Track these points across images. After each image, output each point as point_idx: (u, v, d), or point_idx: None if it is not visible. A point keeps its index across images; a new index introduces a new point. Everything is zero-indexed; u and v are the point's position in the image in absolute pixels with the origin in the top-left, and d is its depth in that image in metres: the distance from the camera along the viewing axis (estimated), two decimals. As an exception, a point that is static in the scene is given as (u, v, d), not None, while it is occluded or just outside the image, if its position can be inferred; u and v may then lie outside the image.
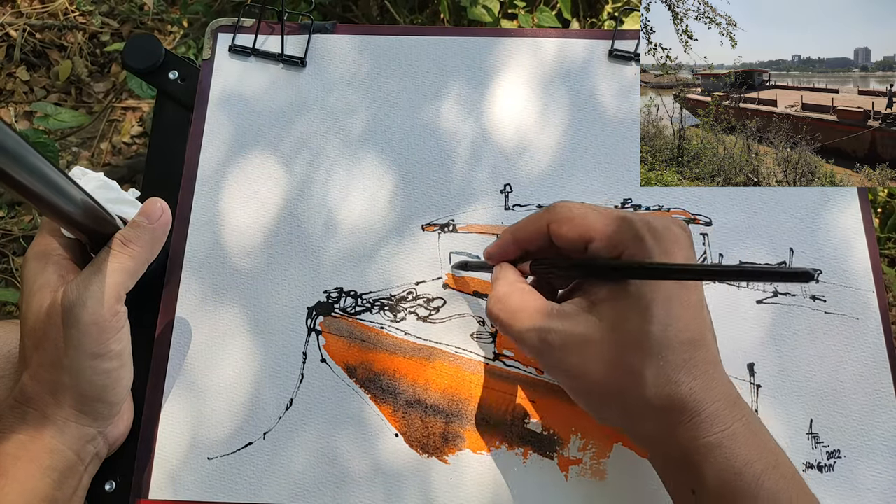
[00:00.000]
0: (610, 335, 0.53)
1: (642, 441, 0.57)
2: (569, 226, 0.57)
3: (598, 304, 0.55)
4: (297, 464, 0.67)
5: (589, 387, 0.56)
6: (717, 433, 0.52)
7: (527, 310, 0.57)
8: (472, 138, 0.77)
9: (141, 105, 1.79)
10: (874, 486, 0.66)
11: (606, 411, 0.57)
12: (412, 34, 0.82)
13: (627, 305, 0.53)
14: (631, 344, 0.53)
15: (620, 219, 0.56)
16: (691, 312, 0.54)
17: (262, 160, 0.77)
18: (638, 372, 0.52)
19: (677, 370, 0.52)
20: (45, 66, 1.84)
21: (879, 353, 0.70)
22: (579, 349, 0.54)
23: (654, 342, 0.52)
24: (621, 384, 0.53)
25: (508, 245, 0.63)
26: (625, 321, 0.53)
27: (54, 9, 1.86)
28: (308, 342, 0.71)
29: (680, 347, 0.53)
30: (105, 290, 0.60)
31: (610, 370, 0.53)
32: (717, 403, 0.53)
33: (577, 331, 0.54)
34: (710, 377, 0.53)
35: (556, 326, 0.55)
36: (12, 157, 0.49)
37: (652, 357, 0.52)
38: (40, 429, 0.61)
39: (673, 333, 0.52)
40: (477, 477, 0.67)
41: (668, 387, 0.52)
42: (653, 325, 0.52)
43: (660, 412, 0.53)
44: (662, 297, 0.53)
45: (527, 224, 0.61)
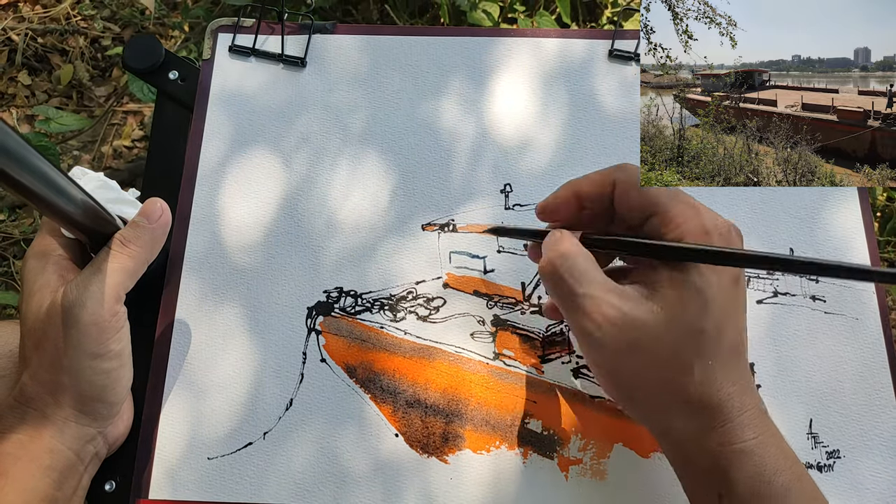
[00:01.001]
0: (667, 325, 0.52)
1: (668, 439, 0.56)
2: (638, 192, 0.56)
3: (658, 292, 0.53)
4: (297, 464, 0.67)
5: (632, 372, 0.55)
6: (749, 440, 0.52)
7: (591, 276, 0.55)
8: (473, 138, 0.77)
9: (142, 109, 1.79)
10: (874, 485, 0.66)
11: (641, 404, 0.57)
12: (412, 34, 0.82)
13: (688, 298, 0.52)
14: (686, 338, 0.52)
15: (690, 205, 0.55)
16: (740, 320, 0.55)
17: (261, 160, 0.77)
18: (687, 368, 0.52)
19: (722, 374, 0.53)
20: (47, 71, 1.84)
21: (879, 353, 0.70)
22: (634, 331, 0.53)
23: (709, 341, 0.52)
24: (666, 377, 0.53)
25: (567, 199, 0.61)
26: (683, 313, 0.52)
27: (56, 13, 1.86)
28: (308, 342, 0.71)
29: (727, 352, 0.53)
30: (105, 291, 0.60)
31: (659, 360, 0.53)
32: (750, 412, 0.53)
33: (637, 314, 0.53)
34: (745, 385, 0.54)
35: (617, 303, 0.53)
36: (13, 158, 0.49)
37: (703, 356, 0.52)
38: (40, 429, 0.61)
39: (725, 335, 0.53)
40: (477, 477, 0.67)
41: (711, 388, 0.52)
42: (708, 322, 0.52)
43: (696, 411, 0.53)
44: (720, 296, 0.53)
45: (590, 180, 0.59)
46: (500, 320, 0.71)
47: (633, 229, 0.58)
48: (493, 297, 0.72)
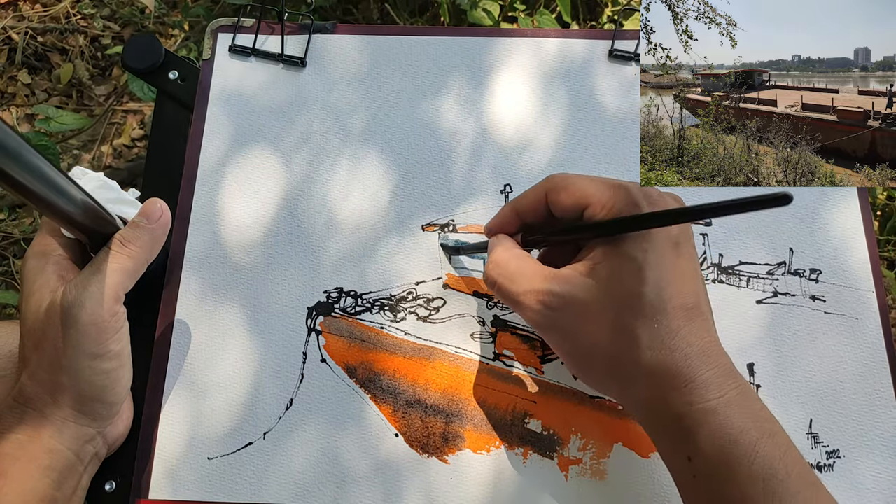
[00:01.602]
0: (605, 297, 0.54)
1: (635, 407, 0.57)
2: (565, 193, 0.58)
3: (595, 267, 0.55)
4: (297, 464, 0.67)
5: (585, 349, 0.56)
6: (711, 400, 0.52)
7: (525, 273, 0.58)
8: (473, 138, 0.77)
9: (142, 108, 1.79)
10: (873, 485, 0.66)
11: (600, 376, 0.58)
12: (412, 34, 0.82)
13: (620, 265, 0.54)
14: (625, 305, 0.53)
15: (617, 186, 0.57)
16: (685, 279, 0.55)
17: (261, 160, 0.77)
18: (633, 334, 0.53)
19: (672, 335, 0.53)
20: (47, 70, 1.84)
21: (879, 353, 0.70)
22: (577, 311, 0.55)
23: (648, 304, 0.53)
24: (616, 346, 0.54)
25: (508, 217, 0.64)
26: (619, 282, 0.54)
27: (56, 12, 1.86)
28: (308, 342, 0.71)
29: (674, 312, 0.53)
30: (104, 291, 0.60)
31: (606, 332, 0.54)
32: (712, 370, 0.53)
33: (575, 293, 0.55)
34: (704, 345, 0.54)
35: (555, 288, 0.56)
36: (13, 157, 0.49)
37: (646, 319, 0.53)
38: (39, 429, 0.61)
39: (667, 297, 0.53)
40: (477, 477, 0.67)
41: (663, 351, 0.53)
42: (646, 286, 0.53)
43: (654, 376, 0.53)
44: (655, 260, 0.54)
45: (525, 195, 0.62)
46: (500, 321, 0.71)
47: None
48: (493, 297, 0.72)
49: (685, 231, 0.56)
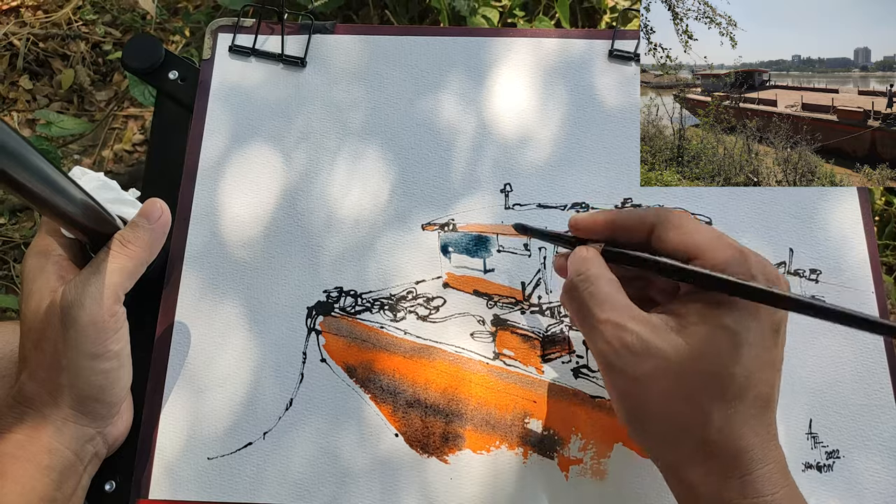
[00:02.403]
0: (691, 362, 0.50)
1: (681, 483, 0.54)
2: (678, 233, 0.54)
3: (688, 328, 0.51)
4: (297, 463, 0.67)
5: (648, 407, 0.53)
6: (766, 496, 0.50)
7: (614, 301, 0.54)
8: (473, 138, 0.77)
9: (143, 113, 1.79)
10: (873, 485, 0.66)
11: (655, 439, 0.55)
12: (412, 34, 0.82)
13: (720, 337, 0.50)
14: (711, 380, 0.50)
15: (736, 249, 0.53)
16: (773, 369, 0.52)
17: (262, 160, 0.77)
18: (707, 411, 0.50)
19: (743, 423, 0.51)
20: (48, 75, 1.84)
21: (878, 353, 0.69)
22: (656, 365, 0.51)
23: (735, 387, 0.50)
24: (684, 416, 0.51)
25: (600, 224, 0.59)
26: (712, 354, 0.50)
27: (57, 18, 1.86)
28: (308, 342, 0.71)
29: (753, 401, 0.51)
30: (103, 291, 0.60)
31: (679, 398, 0.51)
32: (771, 465, 0.51)
33: (659, 344, 0.51)
34: (769, 438, 0.52)
35: (640, 331, 0.52)
36: (13, 157, 0.49)
37: (725, 401, 0.50)
38: (39, 429, 0.61)
39: (753, 384, 0.51)
40: (477, 477, 0.66)
41: (731, 436, 0.51)
42: (737, 367, 0.50)
43: (714, 459, 0.51)
44: (755, 342, 0.51)
45: (630, 214, 0.58)
46: (500, 320, 0.71)
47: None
48: (492, 296, 0.72)
49: (785, 316, 0.54)
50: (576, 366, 0.70)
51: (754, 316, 0.51)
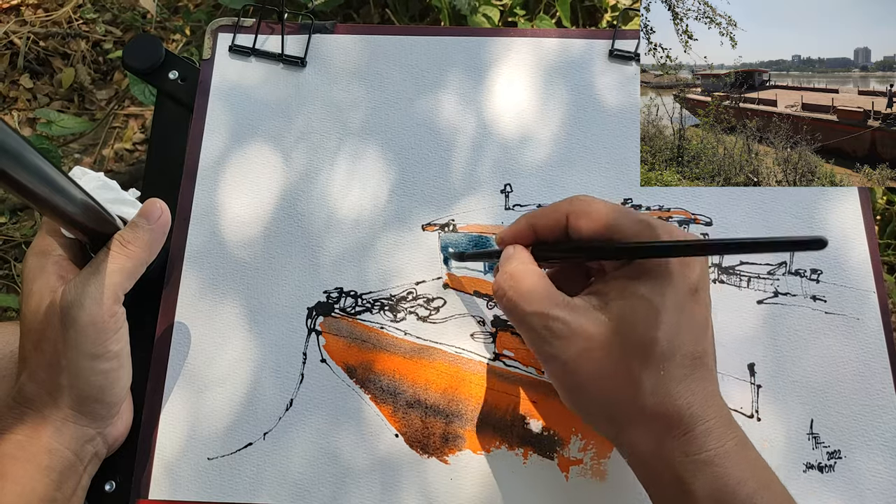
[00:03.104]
0: (615, 335, 0.52)
1: (629, 451, 0.56)
2: (587, 220, 0.56)
3: (609, 303, 0.54)
4: (297, 464, 0.67)
5: (583, 383, 0.55)
6: (710, 450, 0.51)
7: (537, 293, 0.56)
8: (473, 138, 0.77)
9: (143, 112, 1.79)
10: (874, 486, 0.66)
11: (596, 414, 0.57)
12: (412, 34, 0.82)
13: (638, 307, 0.52)
14: (635, 347, 0.52)
15: (642, 221, 0.55)
16: (698, 327, 0.54)
17: (262, 159, 0.77)
18: (637, 378, 0.52)
19: (676, 383, 0.52)
20: (49, 74, 1.84)
21: (880, 353, 0.69)
22: (583, 344, 0.53)
23: (659, 350, 0.52)
24: (617, 387, 0.53)
25: (524, 230, 0.61)
26: (633, 323, 0.52)
27: (58, 17, 1.86)
28: (308, 342, 0.71)
29: (682, 360, 0.52)
30: (103, 291, 0.60)
31: (609, 370, 0.53)
32: (712, 421, 0.52)
33: (583, 324, 0.53)
34: (706, 394, 0.53)
35: (563, 316, 0.54)
36: (13, 157, 0.49)
37: (653, 365, 0.52)
38: (38, 429, 0.61)
39: (678, 344, 0.52)
40: (477, 477, 0.66)
41: (666, 398, 0.52)
42: (660, 331, 0.52)
43: (653, 422, 0.52)
44: (674, 305, 0.52)
45: (545, 213, 0.60)
46: (500, 321, 0.71)
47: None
48: (493, 297, 0.72)
49: (703, 277, 0.55)
50: (576, 366, 0.70)
51: (668, 282, 0.53)
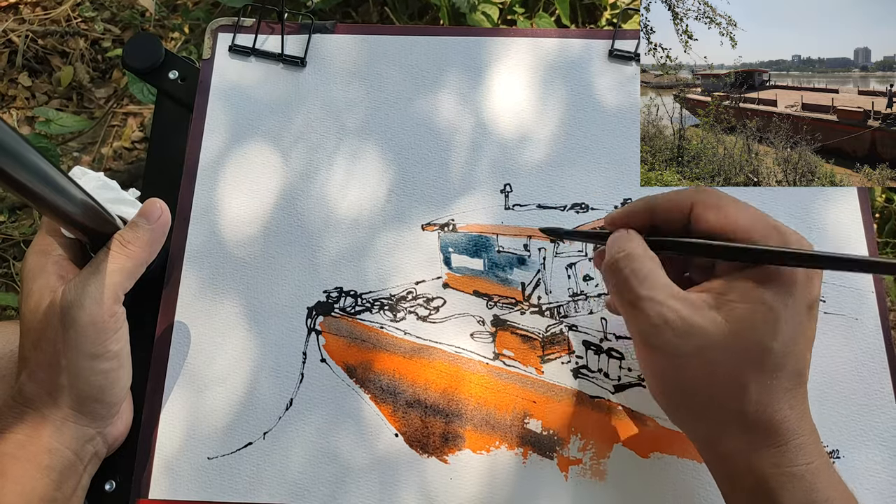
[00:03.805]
0: (731, 338, 0.51)
1: (717, 457, 0.55)
2: (717, 212, 0.54)
3: (727, 304, 0.52)
4: (297, 463, 0.67)
5: (687, 383, 0.54)
6: (801, 465, 0.51)
7: (655, 279, 0.54)
8: (472, 138, 0.77)
9: (142, 110, 1.79)
10: (872, 486, 0.66)
11: (693, 414, 0.56)
12: (411, 34, 0.82)
13: (758, 313, 0.51)
14: (750, 354, 0.51)
15: (772, 227, 0.53)
16: (808, 343, 0.53)
17: (261, 160, 0.77)
18: (746, 384, 0.51)
19: (781, 395, 0.52)
20: (47, 72, 1.84)
21: (878, 352, 0.69)
22: (697, 342, 0.52)
23: (772, 360, 0.51)
24: (723, 391, 0.52)
25: (640, 212, 0.59)
26: (751, 330, 0.51)
27: (56, 15, 1.86)
28: (308, 342, 0.71)
29: (790, 373, 0.52)
30: (103, 291, 0.60)
31: (718, 372, 0.52)
32: (805, 437, 0.52)
33: (700, 322, 0.52)
34: (803, 410, 0.53)
35: (681, 309, 0.52)
36: (12, 156, 0.49)
37: (764, 374, 0.51)
38: (38, 429, 0.61)
39: (789, 358, 0.52)
40: (477, 477, 0.66)
41: (768, 408, 0.51)
42: (776, 342, 0.51)
43: (750, 430, 0.52)
44: (792, 317, 0.51)
45: (668, 198, 0.57)
46: (499, 320, 0.71)
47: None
48: (492, 297, 0.72)
49: (819, 293, 0.54)
50: (575, 366, 0.70)
51: (790, 292, 0.51)
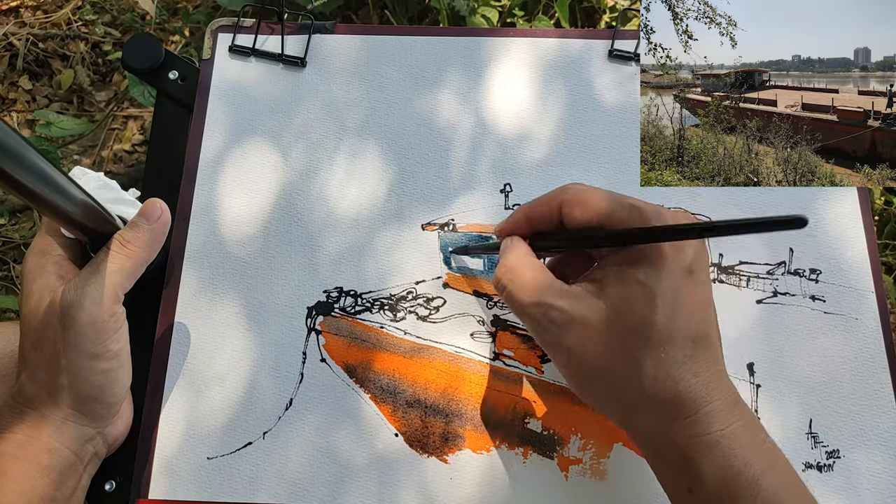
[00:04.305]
0: (614, 320, 0.53)
1: (636, 435, 0.56)
2: (580, 209, 0.57)
3: (606, 289, 0.54)
4: (297, 463, 0.67)
5: (587, 371, 0.55)
6: (715, 432, 0.51)
7: (535, 284, 0.56)
8: (472, 138, 0.77)
9: (142, 113, 1.79)
10: (873, 486, 0.66)
11: (602, 399, 0.57)
12: (411, 34, 0.82)
13: (634, 292, 0.53)
14: (633, 332, 0.52)
15: (633, 206, 0.55)
16: (697, 309, 0.54)
17: (262, 160, 0.77)
18: (638, 362, 0.52)
19: (678, 365, 0.52)
20: (48, 76, 1.84)
21: (878, 352, 0.69)
22: (583, 331, 0.53)
23: (657, 333, 0.52)
24: (620, 372, 0.53)
25: (520, 222, 0.62)
26: (630, 308, 0.52)
27: (57, 18, 1.86)
28: (308, 342, 0.71)
29: (682, 342, 0.52)
30: (103, 291, 0.60)
31: (610, 356, 0.53)
32: (717, 402, 0.52)
33: (582, 312, 0.54)
34: (710, 375, 0.53)
35: (562, 304, 0.54)
36: (12, 157, 0.49)
37: (653, 348, 0.52)
38: (38, 428, 0.61)
39: (676, 327, 0.52)
40: (477, 477, 0.66)
41: (668, 381, 0.52)
42: (657, 315, 0.52)
43: (657, 406, 0.53)
44: (670, 288, 0.52)
45: (539, 203, 0.60)
46: (499, 320, 0.71)
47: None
48: (493, 297, 0.72)
49: (700, 257, 0.55)
50: (576, 366, 0.70)
51: (662, 265, 0.53)
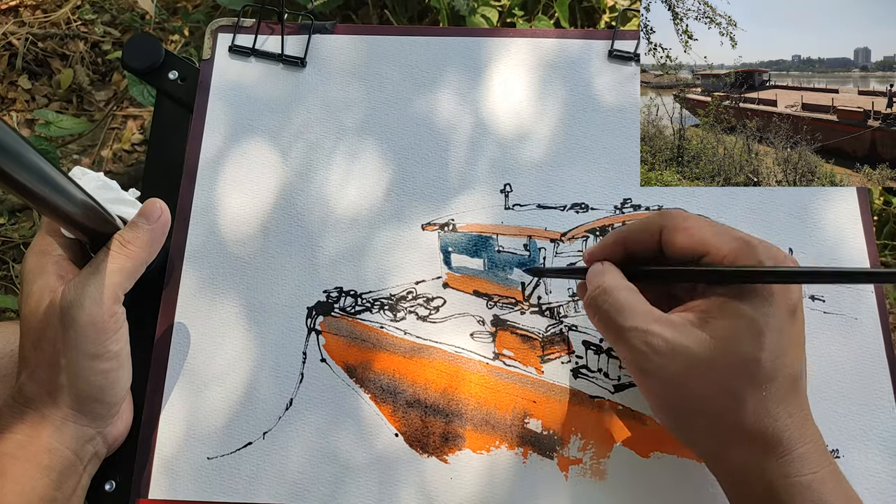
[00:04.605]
0: (718, 354, 0.52)
1: (726, 470, 0.56)
2: (684, 234, 0.56)
3: (709, 322, 0.53)
4: (297, 463, 0.67)
5: (684, 403, 0.54)
6: (808, 474, 0.51)
7: (635, 309, 0.55)
8: (472, 138, 0.77)
9: (142, 113, 1.79)
10: (872, 486, 0.66)
11: (696, 432, 0.56)
12: (411, 34, 0.82)
13: (741, 327, 0.52)
14: (738, 368, 0.52)
15: (742, 240, 0.54)
16: (797, 349, 0.54)
17: (262, 160, 0.77)
18: (740, 397, 0.52)
19: (777, 404, 0.52)
20: (47, 75, 1.84)
21: (877, 352, 0.69)
22: (685, 362, 0.53)
23: (762, 371, 0.51)
24: (720, 406, 0.53)
25: (612, 247, 0.61)
26: (736, 344, 0.52)
27: (56, 18, 1.86)
28: (308, 342, 0.71)
29: (783, 382, 0.52)
30: (103, 291, 0.60)
31: (711, 389, 0.52)
32: (809, 445, 0.52)
33: (684, 342, 0.53)
34: (804, 417, 0.53)
35: (664, 333, 0.53)
36: (12, 156, 0.49)
37: (756, 386, 0.52)
38: (38, 429, 0.61)
39: (780, 366, 0.52)
40: (477, 477, 0.66)
41: (766, 419, 0.52)
42: (764, 353, 0.51)
43: (753, 442, 0.52)
44: (776, 326, 0.52)
45: (637, 227, 0.60)
46: (499, 320, 0.71)
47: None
48: (492, 296, 0.72)
49: (800, 296, 0.55)
50: (575, 366, 0.70)
51: (769, 301, 0.52)
